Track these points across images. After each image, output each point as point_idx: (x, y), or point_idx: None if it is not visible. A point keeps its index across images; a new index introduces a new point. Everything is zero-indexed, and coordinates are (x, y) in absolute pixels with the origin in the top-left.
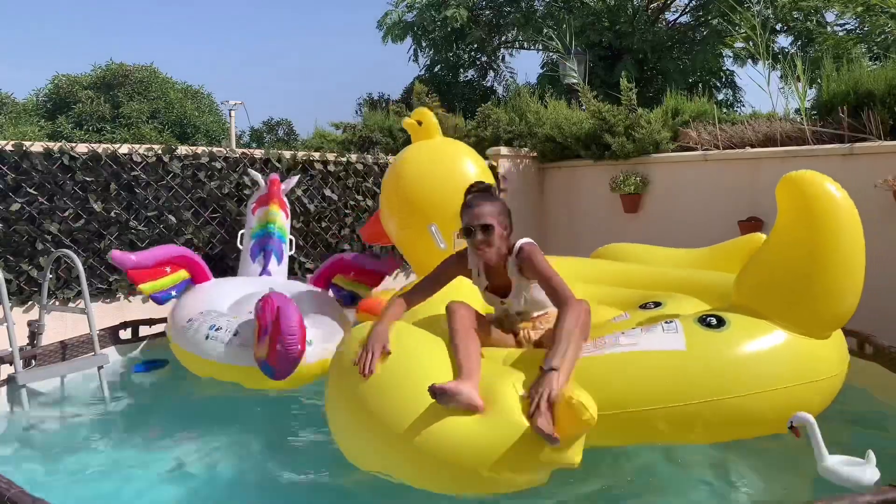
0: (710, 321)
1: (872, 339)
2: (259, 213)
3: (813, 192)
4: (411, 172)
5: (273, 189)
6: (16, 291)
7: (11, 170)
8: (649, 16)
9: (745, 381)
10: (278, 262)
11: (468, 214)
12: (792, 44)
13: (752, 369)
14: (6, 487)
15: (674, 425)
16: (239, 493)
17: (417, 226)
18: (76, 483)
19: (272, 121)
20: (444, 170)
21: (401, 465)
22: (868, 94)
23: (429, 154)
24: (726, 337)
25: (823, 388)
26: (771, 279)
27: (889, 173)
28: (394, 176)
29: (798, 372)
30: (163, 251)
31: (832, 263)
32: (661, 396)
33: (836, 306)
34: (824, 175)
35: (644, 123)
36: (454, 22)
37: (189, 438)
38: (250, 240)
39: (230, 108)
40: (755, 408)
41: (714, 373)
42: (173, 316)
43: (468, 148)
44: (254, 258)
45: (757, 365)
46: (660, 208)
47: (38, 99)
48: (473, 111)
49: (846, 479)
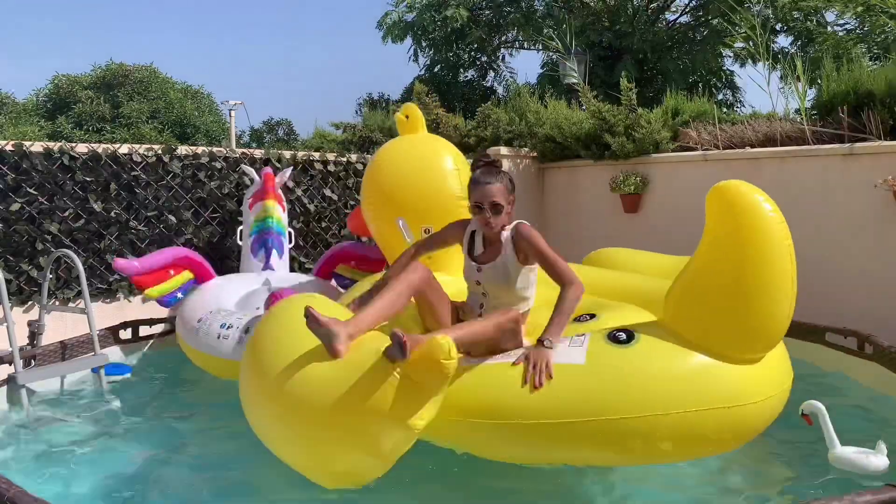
0: (619, 336)
1: (872, 339)
2: (256, 208)
3: (741, 204)
4: (388, 164)
5: (268, 183)
6: (16, 291)
7: (11, 170)
8: (649, 16)
9: (643, 401)
10: (279, 256)
11: (478, 191)
12: (792, 44)
13: (652, 389)
14: (6, 487)
15: (567, 441)
16: (239, 493)
17: (389, 218)
18: (76, 483)
19: (272, 121)
20: (419, 164)
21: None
22: (868, 94)
23: (407, 148)
24: (630, 353)
25: (743, 413)
26: (692, 299)
27: (889, 173)
28: (373, 167)
29: (708, 396)
30: (165, 254)
31: (759, 283)
32: (555, 410)
33: (764, 330)
34: (754, 186)
35: (644, 123)
36: (454, 22)
37: (189, 438)
38: (250, 235)
39: (230, 108)
40: (651, 431)
41: (610, 390)
42: (182, 317)
43: (448, 143)
44: (255, 254)
45: (657, 385)
46: (660, 208)
47: (38, 99)
48: (473, 111)
49: (856, 466)
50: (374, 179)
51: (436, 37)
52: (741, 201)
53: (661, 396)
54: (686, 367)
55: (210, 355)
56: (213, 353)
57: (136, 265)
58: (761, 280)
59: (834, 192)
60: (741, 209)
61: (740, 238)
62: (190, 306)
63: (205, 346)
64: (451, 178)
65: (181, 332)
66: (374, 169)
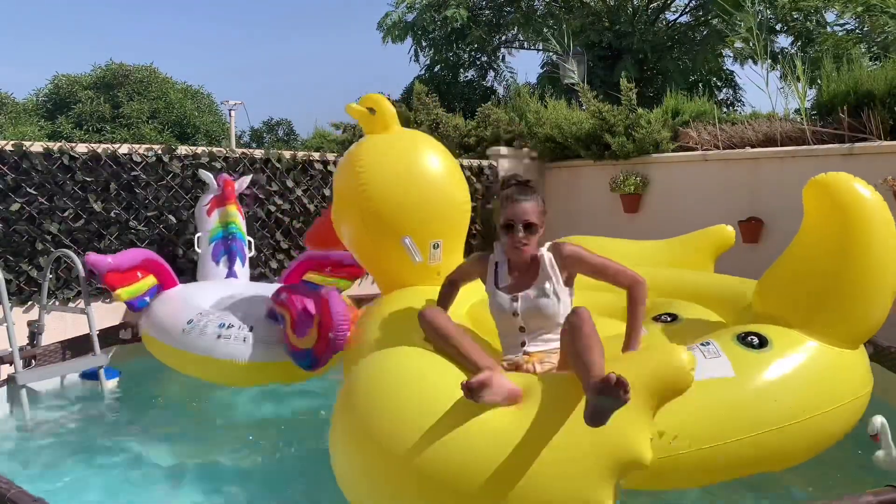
0: (752, 341)
1: (872, 339)
2: (217, 214)
3: (844, 192)
4: (375, 173)
5: (228, 189)
6: (16, 291)
7: (11, 170)
8: (649, 16)
9: (796, 407)
10: (242, 264)
11: (512, 209)
12: (792, 44)
13: (801, 393)
14: (6, 487)
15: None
16: (240, 492)
17: (386, 236)
18: (76, 483)
19: (272, 121)
20: (414, 169)
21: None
22: (868, 94)
23: (394, 150)
24: (772, 358)
25: (863, 403)
26: (800, 285)
27: (889, 173)
28: (352, 176)
29: (843, 390)
30: (135, 255)
31: (865, 266)
32: (720, 432)
33: (869, 312)
34: (854, 176)
35: (644, 123)
36: (454, 22)
37: (189, 437)
38: (210, 242)
39: (230, 108)
40: (801, 435)
41: (765, 399)
42: (163, 321)
43: (435, 140)
44: (217, 260)
45: (807, 387)
46: (660, 208)
47: (38, 99)
48: (473, 111)
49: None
50: (360, 192)
51: (436, 37)
52: (844, 189)
53: (810, 398)
54: (822, 364)
55: (209, 357)
56: (213, 356)
57: (108, 261)
58: (865, 264)
59: None
60: (844, 196)
61: (847, 225)
62: (171, 309)
63: (201, 349)
64: (454, 182)
65: (162, 337)
66: (355, 178)
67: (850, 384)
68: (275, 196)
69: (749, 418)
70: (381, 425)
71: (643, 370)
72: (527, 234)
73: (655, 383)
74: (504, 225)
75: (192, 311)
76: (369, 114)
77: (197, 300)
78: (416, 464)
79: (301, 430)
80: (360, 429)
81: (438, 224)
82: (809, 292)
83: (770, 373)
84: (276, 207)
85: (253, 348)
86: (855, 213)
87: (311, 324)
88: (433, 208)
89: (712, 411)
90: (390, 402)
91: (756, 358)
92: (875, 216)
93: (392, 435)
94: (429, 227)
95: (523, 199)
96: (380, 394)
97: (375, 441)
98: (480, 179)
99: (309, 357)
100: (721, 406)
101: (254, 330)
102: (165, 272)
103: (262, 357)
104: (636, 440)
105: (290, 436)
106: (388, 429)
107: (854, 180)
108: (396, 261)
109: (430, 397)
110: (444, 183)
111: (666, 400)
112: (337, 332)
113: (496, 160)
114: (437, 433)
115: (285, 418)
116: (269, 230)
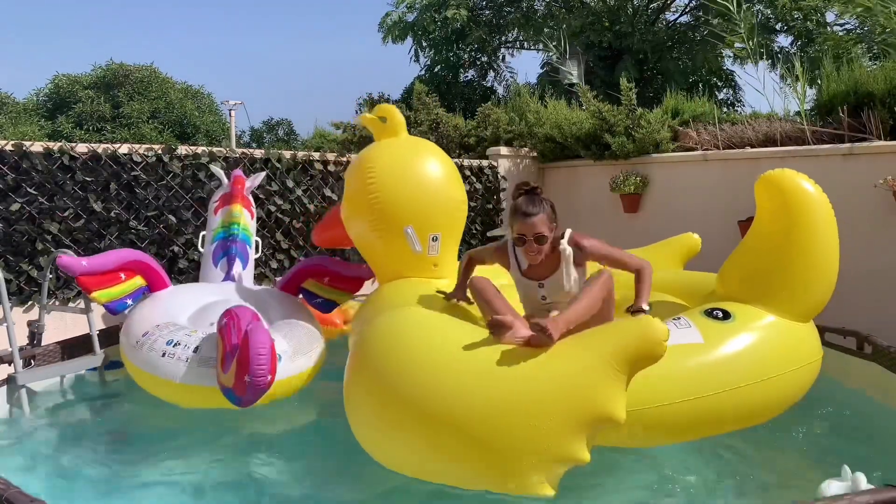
0: (716, 314)
1: (872, 339)
2: (221, 213)
3: (787, 184)
4: (387, 172)
5: (236, 187)
6: (16, 291)
7: (11, 170)
8: (649, 16)
9: (758, 369)
10: (243, 266)
11: (521, 224)
12: (792, 44)
13: (761, 356)
14: (4, 487)
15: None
16: (241, 491)
17: (390, 229)
18: (75, 483)
19: (272, 121)
20: (421, 170)
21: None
22: (868, 94)
23: (403, 153)
24: (737, 327)
25: (814, 370)
26: (756, 268)
27: (889, 173)
28: (363, 176)
29: (796, 356)
30: (117, 256)
31: (808, 252)
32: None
33: (814, 290)
34: (798, 172)
35: (644, 123)
36: (454, 22)
37: (190, 437)
38: (212, 242)
39: (230, 108)
40: (763, 395)
41: (731, 361)
42: (127, 330)
43: (436, 147)
44: (216, 262)
45: (766, 352)
46: (660, 208)
47: (38, 99)
48: (473, 111)
49: None
50: (370, 189)
51: (436, 37)
52: (790, 184)
53: (768, 362)
54: (778, 333)
55: (153, 375)
56: (157, 374)
57: (82, 264)
58: (809, 250)
59: (834, 192)
60: (787, 187)
61: (791, 215)
62: (136, 318)
63: (147, 365)
64: (454, 183)
65: (123, 346)
66: (368, 177)
67: (802, 352)
68: (275, 196)
69: (716, 377)
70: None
71: (621, 337)
72: (539, 245)
73: (631, 349)
74: (517, 238)
75: (150, 323)
76: (381, 122)
77: (172, 307)
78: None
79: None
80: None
81: (437, 219)
82: (762, 275)
83: (734, 339)
84: (276, 207)
85: (188, 370)
86: (800, 206)
87: (233, 360)
88: (434, 204)
89: (684, 371)
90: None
91: (721, 327)
92: (817, 209)
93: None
94: (429, 221)
95: (532, 213)
96: (387, 346)
97: (382, 386)
98: (480, 179)
99: (232, 396)
100: (692, 367)
101: (198, 351)
102: (154, 273)
103: (200, 380)
104: (609, 398)
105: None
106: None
107: (799, 176)
108: (398, 255)
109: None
110: (444, 183)
111: (640, 366)
112: (254, 375)
113: (496, 160)
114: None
115: (289, 418)
116: (269, 230)
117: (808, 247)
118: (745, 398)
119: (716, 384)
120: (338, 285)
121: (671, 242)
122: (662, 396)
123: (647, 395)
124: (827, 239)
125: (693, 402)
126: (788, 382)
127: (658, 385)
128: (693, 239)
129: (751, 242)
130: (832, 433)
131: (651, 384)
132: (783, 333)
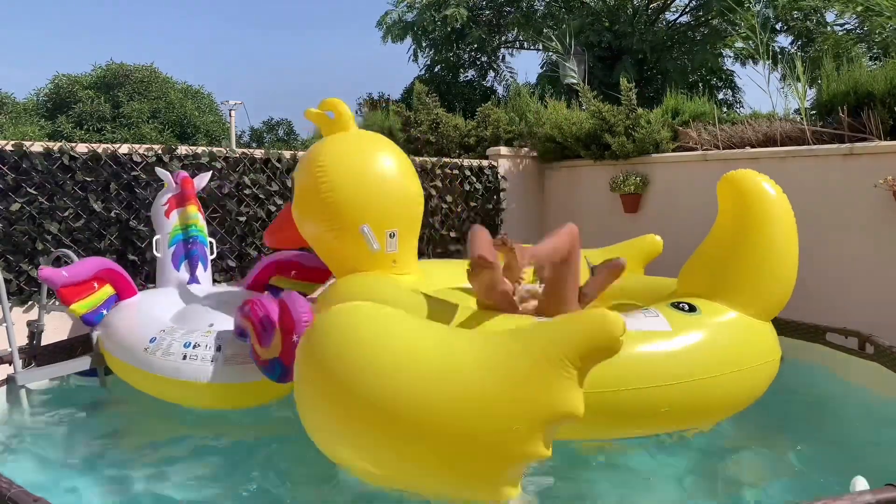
0: (682, 306)
1: (873, 339)
2: (176, 215)
3: (747, 185)
4: (339, 168)
5: (188, 188)
6: (16, 291)
7: (11, 170)
8: (649, 16)
9: (722, 361)
10: (205, 268)
11: None
12: (792, 43)
13: (726, 349)
14: (6, 487)
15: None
16: (243, 490)
17: (346, 228)
18: (76, 483)
19: (272, 121)
20: (375, 164)
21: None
22: (868, 94)
23: (355, 148)
24: (703, 320)
25: (773, 368)
26: (715, 266)
27: (889, 173)
28: (313, 174)
29: (757, 353)
30: (90, 264)
31: (767, 252)
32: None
33: (773, 289)
34: (759, 173)
35: (644, 123)
36: (454, 22)
37: (190, 437)
38: (169, 245)
39: (230, 108)
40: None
41: (697, 350)
42: (122, 339)
43: (389, 140)
44: (178, 265)
45: (729, 346)
46: (660, 208)
47: (39, 99)
48: (473, 111)
49: None
50: (321, 188)
51: (436, 37)
52: (750, 185)
53: (731, 356)
54: (740, 329)
55: (175, 379)
56: (179, 377)
57: (63, 274)
58: (768, 250)
59: (834, 192)
60: (745, 188)
61: (750, 215)
62: (131, 324)
63: (166, 370)
64: (408, 177)
65: (123, 355)
66: (319, 175)
67: (763, 348)
68: (275, 196)
69: (682, 365)
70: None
71: (575, 331)
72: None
73: (585, 344)
74: None
75: (154, 328)
76: (328, 117)
77: (157, 312)
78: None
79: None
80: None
81: (394, 215)
82: (722, 273)
83: (699, 329)
84: (276, 207)
85: (222, 369)
86: (759, 206)
87: (273, 331)
88: (388, 200)
89: (651, 356)
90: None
91: (688, 318)
92: (776, 209)
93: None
94: (385, 218)
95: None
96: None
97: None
98: (480, 179)
99: (278, 367)
100: (658, 352)
101: (222, 349)
102: (122, 280)
103: (230, 378)
104: (564, 394)
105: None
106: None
107: (759, 177)
108: (354, 252)
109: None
110: (397, 177)
111: (596, 360)
112: (300, 333)
113: (496, 160)
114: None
115: (290, 417)
116: None
117: (764, 247)
118: (706, 390)
119: (681, 372)
120: (305, 277)
121: (633, 244)
122: (627, 381)
123: (610, 379)
124: (784, 239)
125: (656, 390)
126: (748, 377)
127: (623, 369)
128: (654, 240)
129: (711, 241)
130: (832, 433)
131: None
132: (745, 329)
